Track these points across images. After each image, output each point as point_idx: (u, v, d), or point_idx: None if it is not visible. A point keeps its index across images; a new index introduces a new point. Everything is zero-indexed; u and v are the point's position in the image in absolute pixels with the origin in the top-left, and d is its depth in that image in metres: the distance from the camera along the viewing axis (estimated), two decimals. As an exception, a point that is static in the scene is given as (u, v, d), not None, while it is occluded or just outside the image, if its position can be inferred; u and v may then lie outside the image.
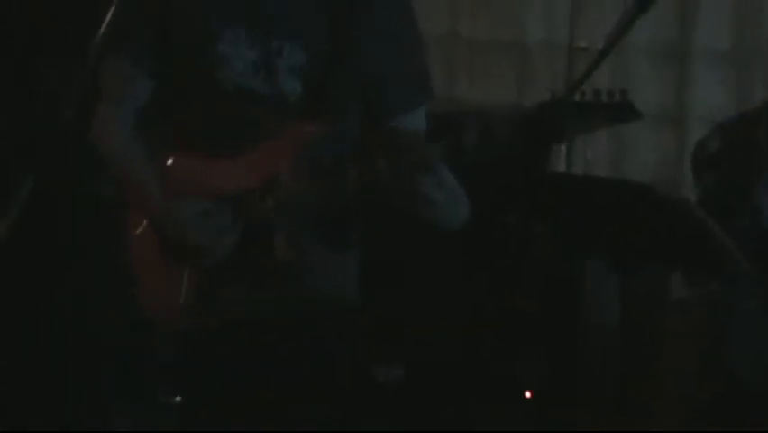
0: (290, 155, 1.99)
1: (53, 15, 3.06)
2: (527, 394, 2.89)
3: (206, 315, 1.99)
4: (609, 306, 2.88)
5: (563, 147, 3.06)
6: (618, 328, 2.87)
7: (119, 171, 2.09)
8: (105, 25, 1.89)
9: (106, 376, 2.16)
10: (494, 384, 2.95)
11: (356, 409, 2.07)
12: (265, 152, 2.00)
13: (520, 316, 2.92)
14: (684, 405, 2.81)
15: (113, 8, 1.87)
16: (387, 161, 1.86)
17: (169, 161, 2.05)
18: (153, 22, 2.02)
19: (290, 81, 2.03)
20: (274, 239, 1.98)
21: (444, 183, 1.87)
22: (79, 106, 1.90)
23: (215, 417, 1.99)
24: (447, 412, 2.92)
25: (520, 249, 2.91)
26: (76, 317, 2.86)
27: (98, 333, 2.50)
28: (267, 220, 1.98)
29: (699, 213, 2.52)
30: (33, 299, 2.93)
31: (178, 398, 1.99)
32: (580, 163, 3.31)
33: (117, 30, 1.88)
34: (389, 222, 2.11)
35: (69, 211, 2.77)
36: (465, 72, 3.54)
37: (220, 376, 2.01)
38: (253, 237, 1.98)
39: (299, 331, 2.00)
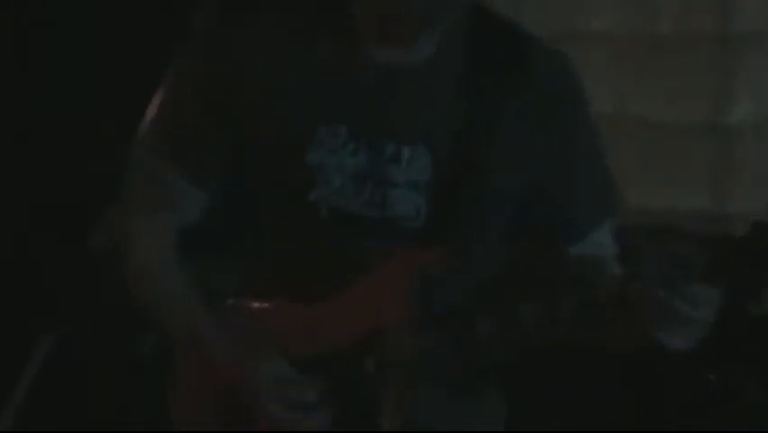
0: (400, 299, 1.59)
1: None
2: None
3: None
4: None
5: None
6: None
7: (163, 313, 1.71)
8: (149, 120, 1.67)
9: None
10: None
11: None
12: (366, 294, 1.62)
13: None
14: None
15: (163, 97, 1.66)
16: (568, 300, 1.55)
17: (234, 304, 1.68)
18: (217, 119, 1.64)
19: (408, 200, 1.62)
20: (380, 414, 1.61)
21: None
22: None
23: None
24: None
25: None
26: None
27: None
28: (368, 388, 1.60)
29: None
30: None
31: None
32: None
33: (167, 129, 1.67)
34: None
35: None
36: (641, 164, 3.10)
37: None
38: (350, 412, 1.60)
39: None
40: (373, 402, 1.61)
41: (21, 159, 3.21)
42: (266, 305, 1.68)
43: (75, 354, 2.28)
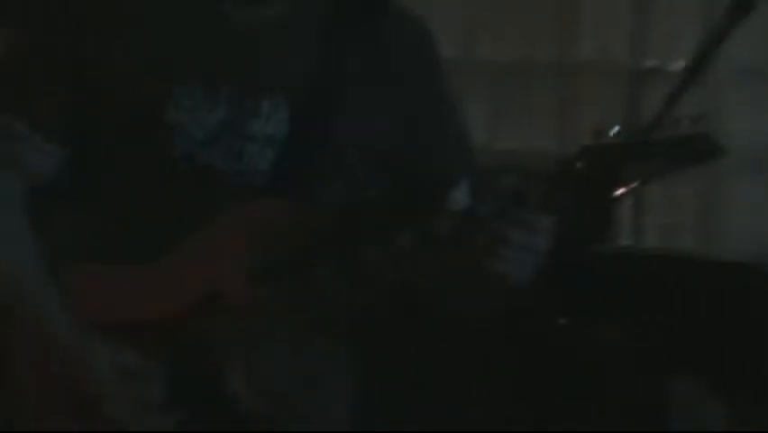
0: (235, 254, 1.66)
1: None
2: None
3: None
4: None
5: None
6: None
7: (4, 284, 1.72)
8: None
9: None
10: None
11: None
12: (200, 252, 1.67)
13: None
14: None
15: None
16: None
17: (78, 267, 1.69)
18: (69, 70, 1.73)
19: (265, 154, 1.73)
20: (231, 381, 1.67)
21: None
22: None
23: None
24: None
25: (573, 356, 2.74)
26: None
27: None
28: (214, 354, 1.67)
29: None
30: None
31: None
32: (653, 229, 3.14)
33: (13, 77, 1.74)
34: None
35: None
36: (488, 106, 3.40)
37: None
38: (199, 382, 1.68)
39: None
40: (221, 369, 1.66)
41: None
42: (107, 267, 1.70)
43: None
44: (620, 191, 1.80)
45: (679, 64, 3.26)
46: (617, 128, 1.59)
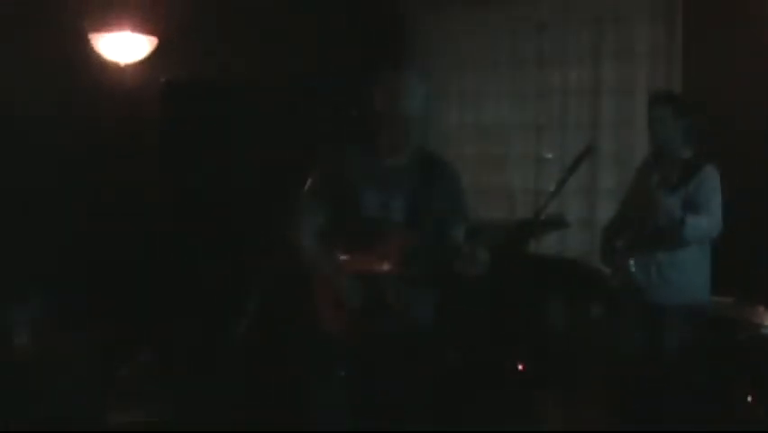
0: (396, 253, 3.23)
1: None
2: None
3: (354, 331, 3.30)
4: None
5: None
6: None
7: (309, 261, 3.40)
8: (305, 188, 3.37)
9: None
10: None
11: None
12: (383, 250, 3.21)
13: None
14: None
15: (309, 181, 3.37)
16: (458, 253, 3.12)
17: (336, 255, 3.32)
18: (325, 186, 3.38)
19: (397, 214, 3.25)
20: (388, 297, 3.28)
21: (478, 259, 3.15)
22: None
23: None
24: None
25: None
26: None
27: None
28: (385, 286, 3.29)
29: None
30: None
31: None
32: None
33: (309, 190, 3.42)
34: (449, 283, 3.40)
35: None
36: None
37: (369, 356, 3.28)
38: (377, 295, 3.27)
39: (401, 338, 3.37)
40: (386, 291, 3.15)
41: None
42: (346, 256, 3.21)
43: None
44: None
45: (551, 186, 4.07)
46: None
